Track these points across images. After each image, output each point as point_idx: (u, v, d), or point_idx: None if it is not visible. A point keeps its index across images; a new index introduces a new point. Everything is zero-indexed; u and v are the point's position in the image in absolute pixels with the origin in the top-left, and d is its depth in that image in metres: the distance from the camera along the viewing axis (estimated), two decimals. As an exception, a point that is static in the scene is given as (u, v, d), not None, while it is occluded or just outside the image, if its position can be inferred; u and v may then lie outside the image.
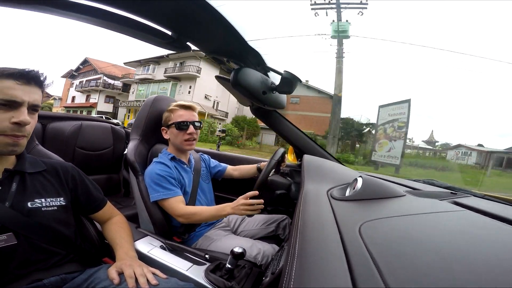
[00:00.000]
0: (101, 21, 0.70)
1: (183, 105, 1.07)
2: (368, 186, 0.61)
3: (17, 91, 0.57)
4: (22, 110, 0.58)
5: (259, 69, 0.99)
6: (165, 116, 1.07)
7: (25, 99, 0.58)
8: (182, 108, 1.06)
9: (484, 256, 0.34)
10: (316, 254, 0.33)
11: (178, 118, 1.04)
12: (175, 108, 1.05)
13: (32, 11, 0.65)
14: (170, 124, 1.05)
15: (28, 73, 0.59)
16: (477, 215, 0.54)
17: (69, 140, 1.58)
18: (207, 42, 0.86)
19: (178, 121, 1.03)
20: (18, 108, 0.58)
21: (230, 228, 1.16)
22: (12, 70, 0.57)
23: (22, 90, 0.58)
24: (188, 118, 1.05)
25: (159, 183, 0.96)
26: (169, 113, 1.06)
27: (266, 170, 0.99)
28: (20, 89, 0.57)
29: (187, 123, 1.04)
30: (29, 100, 0.59)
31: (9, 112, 0.57)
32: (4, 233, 0.57)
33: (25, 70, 0.59)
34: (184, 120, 1.04)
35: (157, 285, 0.61)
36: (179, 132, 1.04)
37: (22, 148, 0.62)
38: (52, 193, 0.69)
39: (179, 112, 1.05)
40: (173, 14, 0.68)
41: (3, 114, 0.56)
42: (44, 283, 0.61)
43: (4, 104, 0.56)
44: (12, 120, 0.57)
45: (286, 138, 1.34)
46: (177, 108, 1.06)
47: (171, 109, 1.06)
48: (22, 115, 0.57)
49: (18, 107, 0.57)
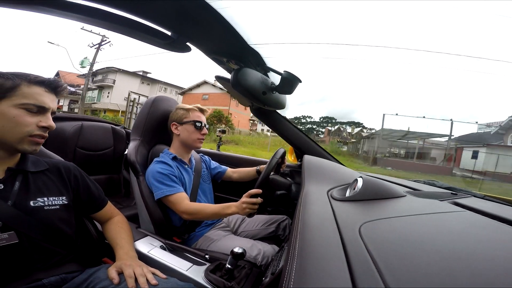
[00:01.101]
0: (101, 21, 0.70)
1: (200, 108, 1.16)
2: (369, 186, 0.61)
3: (45, 98, 0.63)
4: (48, 115, 0.64)
5: (259, 69, 0.99)
6: (180, 114, 1.12)
7: (51, 106, 0.64)
8: (199, 111, 1.15)
9: (484, 257, 0.34)
10: (316, 255, 0.33)
11: (197, 118, 1.12)
12: (194, 109, 1.14)
13: (32, 11, 0.65)
14: (186, 122, 1.10)
15: (56, 82, 0.66)
16: (477, 215, 0.54)
17: (70, 140, 1.58)
18: (207, 43, 0.86)
19: (196, 120, 1.11)
20: (45, 114, 0.63)
21: (230, 229, 1.16)
22: (43, 79, 0.63)
23: (49, 97, 0.64)
24: (203, 120, 1.14)
25: (161, 181, 0.97)
26: (186, 111, 1.12)
27: (267, 168, 0.98)
28: (48, 96, 0.63)
29: (204, 124, 1.13)
30: (53, 107, 0.65)
31: (37, 116, 0.62)
32: (6, 231, 0.57)
33: (51, 79, 0.65)
34: (201, 120, 1.12)
35: (156, 285, 0.61)
36: (195, 130, 1.11)
37: (40, 148, 0.67)
38: (54, 192, 0.69)
39: (197, 113, 1.13)
40: (173, 15, 0.68)
41: (32, 118, 0.61)
42: (44, 283, 0.61)
43: (35, 110, 0.61)
44: (40, 124, 0.62)
45: (286, 138, 1.34)
46: (196, 109, 1.14)
47: (188, 108, 1.13)
48: (49, 120, 0.64)
49: (45, 112, 0.63)
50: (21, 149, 0.62)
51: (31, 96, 0.60)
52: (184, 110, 1.12)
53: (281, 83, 0.96)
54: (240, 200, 0.88)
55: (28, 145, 0.62)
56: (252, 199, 0.86)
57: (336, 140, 16.85)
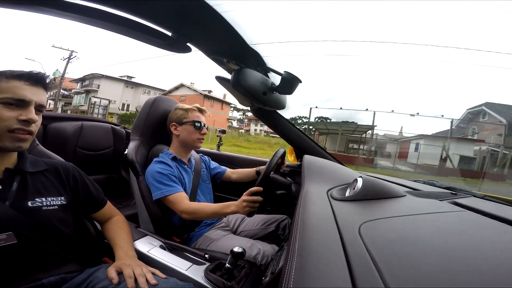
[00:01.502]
0: (100, 21, 0.70)
1: (199, 108, 1.15)
2: (368, 186, 0.61)
3: (25, 91, 0.60)
4: (30, 109, 0.61)
5: (259, 70, 0.99)
6: (179, 114, 1.12)
7: (32, 99, 0.61)
8: (198, 111, 1.14)
9: (484, 256, 0.34)
10: (316, 254, 0.33)
11: (196, 118, 1.11)
12: (193, 109, 1.13)
13: (31, 11, 0.65)
14: (185, 122, 1.10)
15: (36, 74, 0.63)
16: (477, 215, 0.54)
17: (70, 140, 1.58)
18: (207, 43, 0.86)
19: (196, 120, 1.10)
20: (26, 107, 0.61)
21: (230, 228, 1.16)
22: (21, 72, 0.61)
23: (30, 90, 0.61)
24: (203, 120, 1.13)
25: (160, 181, 0.97)
26: (185, 111, 1.11)
27: (269, 167, 0.97)
28: (28, 90, 0.61)
29: (203, 124, 1.12)
30: (36, 100, 0.62)
31: (18, 110, 0.60)
32: (4, 232, 0.57)
33: (33, 72, 0.62)
34: (201, 120, 1.11)
35: (156, 285, 0.61)
36: (195, 130, 1.10)
37: (27, 145, 0.63)
38: (53, 193, 0.69)
39: (196, 113, 1.12)
40: (173, 15, 0.68)
41: (11, 112, 0.59)
42: (44, 283, 0.61)
43: (13, 103, 0.59)
44: (20, 117, 0.59)
45: (286, 138, 1.34)
46: (195, 109, 1.13)
47: (187, 109, 1.12)
48: (30, 113, 0.60)
49: (26, 106, 0.61)
50: (2, 146, 0.60)
51: (9, 90, 0.58)
52: (183, 110, 1.12)
53: (281, 84, 0.96)
54: (241, 198, 0.88)
55: (9, 142, 0.59)
56: (252, 197, 0.86)
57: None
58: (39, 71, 0.64)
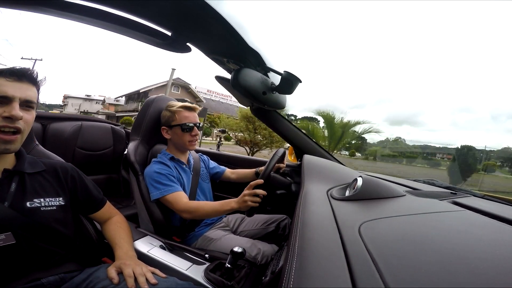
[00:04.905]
0: (99, 21, 0.70)
1: (187, 106, 1.07)
2: (368, 186, 0.60)
3: (7, 88, 0.58)
4: (14, 105, 0.58)
5: (259, 70, 0.99)
6: (167, 116, 1.07)
7: (16, 95, 0.59)
8: (186, 110, 1.06)
9: (483, 256, 0.34)
10: (316, 254, 0.33)
11: (184, 120, 1.05)
12: (179, 110, 1.06)
13: (31, 11, 0.65)
14: (174, 125, 1.06)
15: (19, 70, 0.61)
16: (477, 215, 0.54)
17: (69, 140, 1.58)
18: (207, 43, 0.85)
19: (183, 122, 1.04)
20: (9, 104, 0.58)
21: (230, 228, 1.16)
22: (2, 69, 0.59)
23: (13, 86, 0.59)
24: (192, 120, 1.06)
25: (159, 181, 0.97)
26: (172, 113, 1.06)
27: (271, 163, 0.95)
28: (11, 86, 0.59)
29: (192, 125, 1.05)
30: (20, 96, 0.60)
31: (1, 108, 0.58)
32: (2, 232, 0.57)
33: (15, 67, 0.61)
34: (189, 122, 1.05)
35: (156, 284, 0.61)
36: (184, 133, 1.05)
37: (16, 147, 0.62)
38: (51, 193, 0.69)
39: (184, 114, 1.05)
40: (173, 15, 0.68)
41: None
42: (43, 283, 0.61)
43: None
44: (3, 114, 0.57)
45: (286, 138, 1.34)
46: (182, 109, 1.06)
47: (174, 110, 1.06)
48: (13, 109, 0.58)
49: (9, 102, 0.58)
50: None
51: None
52: (171, 112, 1.06)
53: (281, 83, 0.96)
54: (242, 193, 0.85)
55: None
56: (255, 190, 0.83)
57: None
58: (23, 67, 0.62)
